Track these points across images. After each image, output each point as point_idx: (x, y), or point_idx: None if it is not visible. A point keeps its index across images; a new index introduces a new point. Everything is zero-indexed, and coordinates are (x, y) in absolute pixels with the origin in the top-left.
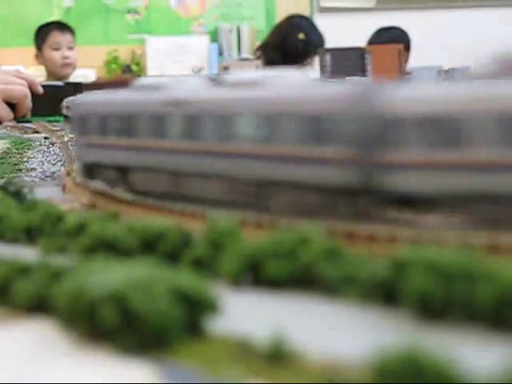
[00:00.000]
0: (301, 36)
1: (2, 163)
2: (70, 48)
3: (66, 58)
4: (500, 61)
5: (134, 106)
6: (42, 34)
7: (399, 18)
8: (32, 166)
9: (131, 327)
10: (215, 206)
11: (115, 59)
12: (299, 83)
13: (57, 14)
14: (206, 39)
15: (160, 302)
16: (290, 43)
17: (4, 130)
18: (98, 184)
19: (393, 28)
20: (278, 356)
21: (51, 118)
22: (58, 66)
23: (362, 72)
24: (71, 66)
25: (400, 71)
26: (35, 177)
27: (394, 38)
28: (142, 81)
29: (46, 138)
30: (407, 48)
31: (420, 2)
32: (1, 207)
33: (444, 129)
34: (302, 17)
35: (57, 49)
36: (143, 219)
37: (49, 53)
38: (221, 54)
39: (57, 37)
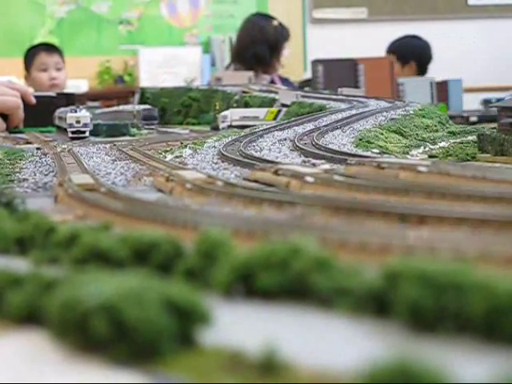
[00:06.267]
0: (275, 22)
1: None
2: (58, 69)
3: (53, 78)
4: None
5: None
6: (30, 55)
7: (391, 30)
8: (24, 177)
9: (123, 338)
10: None
11: (108, 70)
12: None
13: (49, 24)
14: (198, 50)
15: (152, 313)
16: (269, 31)
17: None
18: (90, 195)
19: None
20: (269, 367)
21: (43, 129)
22: (46, 86)
23: (355, 83)
24: (58, 86)
25: (392, 83)
26: (27, 187)
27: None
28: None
29: (38, 148)
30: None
31: (411, 13)
32: None
33: None
34: (261, 14)
35: (44, 70)
36: (135, 230)
37: (36, 74)
38: (213, 64)
39: (44, 58)
